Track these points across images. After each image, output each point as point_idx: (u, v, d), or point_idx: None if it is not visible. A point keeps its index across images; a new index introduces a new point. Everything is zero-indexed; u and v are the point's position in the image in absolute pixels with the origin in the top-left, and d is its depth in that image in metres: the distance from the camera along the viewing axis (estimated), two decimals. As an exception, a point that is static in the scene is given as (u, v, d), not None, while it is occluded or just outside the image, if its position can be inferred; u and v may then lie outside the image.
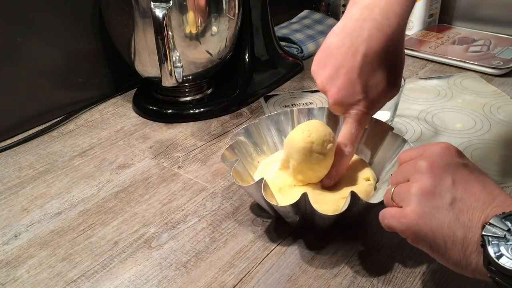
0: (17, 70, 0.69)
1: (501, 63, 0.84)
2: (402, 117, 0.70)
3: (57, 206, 0.56)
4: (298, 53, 0.93)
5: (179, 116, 0.74)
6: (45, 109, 0.74)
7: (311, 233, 0.49)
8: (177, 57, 0.66)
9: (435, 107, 0.73)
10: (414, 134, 0.67)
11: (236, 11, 0.71)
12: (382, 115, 0.62)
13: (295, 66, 0.88)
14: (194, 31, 0.67)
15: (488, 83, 0.80)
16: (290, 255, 0.47)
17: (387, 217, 0.40)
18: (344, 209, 0.45)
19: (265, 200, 0.45)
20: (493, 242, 0.34)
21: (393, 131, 0.53)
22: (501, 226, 0.34)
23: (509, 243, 0.33)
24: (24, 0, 0.67)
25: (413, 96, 0.77)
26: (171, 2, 0.62)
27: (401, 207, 0.39)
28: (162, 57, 0.62)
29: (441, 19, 1.05)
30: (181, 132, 0.70)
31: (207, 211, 0.54)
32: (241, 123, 0.72)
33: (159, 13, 0.60)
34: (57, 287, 0.45)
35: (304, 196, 0.44)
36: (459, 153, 0.40)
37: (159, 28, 0.60)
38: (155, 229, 0.51)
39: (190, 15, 0.65)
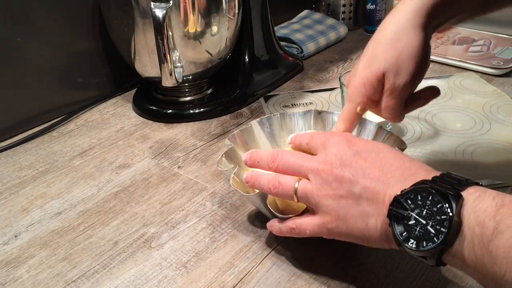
0: (17, 70, 0.69)
1: (501, 63, 0.84)
2: (402, 117, 0.70)
3: (57, 206, 0.56)
4: (298, 53, 0.93)
5: (179, 116, 0.74)
6: (45, 109, 0.74)
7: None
8: (177, 57, 0.66)
9: (435, 107, 0.73)
10: (414, 134, 0.67)
11: (236, 11, 0.71)
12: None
13: (295, 66, 0.88)
14: (194, 31, 0.67)
15: (488, 83, 0.80)
16: (290, 255, 0.47)
17: (305, 227, 0.42)
18: None
19: (270, 211, 0.45)
20: (397, 224, 0.35)
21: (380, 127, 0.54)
22: (400, 206, 0.35)
23: (410, 222, 0.34)
24: (24, 0, 0.67)
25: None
26: (171, 2, 0.62)
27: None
28: (162, 57, 0.62)
29: (441, 19, 1.05)
30: (181, 132, 0.70)
31: (207, 211, 0.54)
32: (241, 123, 0.72)
33: (159, 13, 0.60)
34: (57, 287, 0.45)
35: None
36: (349, 142, 0.41)
37: (159, 28, 0.60)
38: (155, 229, 0.51)
39: (190, 15, 0.65)
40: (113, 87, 0.82)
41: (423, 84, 0.84)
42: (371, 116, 0.58)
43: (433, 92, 0.52)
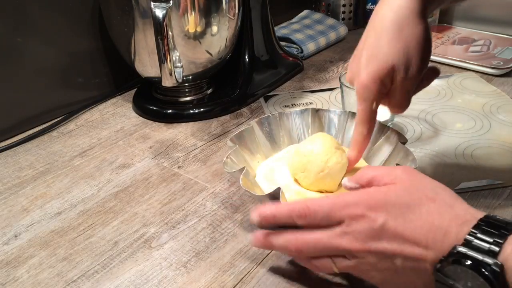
0: (17, 70, 0.69)
1: (501, 63, 0.84)
2: (402, 117, 0.70)
3: (57, 206, 0.56)
4: (298, 53, 0.93)
5: (179, 116, 0.74)
6: (45, 109, 0.74)
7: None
8: (177, 57, 0.66)
9: (435, 107, 0.73)
10: (414, 134, 0.67)
11: (236, 11, 0.71)
12: (382, 114, 0.62)
13: (295, 66, 0.88)
14: (194, 31, 0.67)
15: (488, 83, 0.80)
16: (290, 255, 0.47)
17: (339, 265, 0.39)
18: None
19: None
20: None
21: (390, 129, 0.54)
22: (443, 281, 0.33)
23: None
24: (24, 0, 0.67)
25: (413, 96, 0.77)
26: (171, 2, 0.62)
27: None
28: (162, 57, 0.62)
29: (441, 19, 1.05)
30: (181, 132, 0.70)
31: (207, 211, 0.54)
32: (241, 123, 0.72)
33: (159, 13, 0.60)
34: (57, 287, 0.45)
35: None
36: (377, 213, 0.37)
37: (159, 28, 0.60)
38: (155, 229, 0.51)
39: (190, 15, 0.65)
40: (113, 87, 0.82)
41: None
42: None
43: (434, 72, 0.50)
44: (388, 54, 0.44)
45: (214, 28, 0.69)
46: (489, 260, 0.31)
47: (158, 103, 0.76)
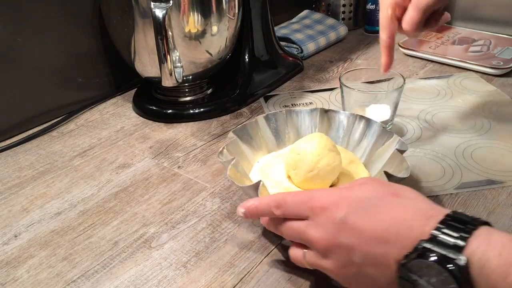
0: (17, 70, 0.69)
1: (501, 63, 0.84)
2: (402, 117, 0.70)
3: (57, 206, 0.56)
4: (298, 53, 0.93)
5: (179, 116, 0.74)
6: (45, 109, 0.74)
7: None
8: (177, 57, 0.66)
9: (435, 107, 0.73)
10: (414, 134, 0.67)
11: (236, 11, 0.71)
12: (382, 115, 0.63)
13: (295, 66, 0.88)
14: (194, 31, 0.67)
15: (488, 83, 0.80)
16: (290, 255, 0.47)
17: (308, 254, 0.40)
18: None
19: None
20: None
21: (383, 127, 0.55)
22: (406, 277, 0.33)
23: None
24: (24, 0, 0.67)
25: (413, 96, 0.77)
26: (171, 2, 0.62)
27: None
28: (162, 57, 0.62)
29: (441, 19, 1.05)
30: (181, 132, 0.70)
31: (207, 211, 0.54)
32: (241, 123, 0.72)
33: (159, 13, 0.60)
34: (57, 287, 0.45)
35: None
36: (335, 204, 0.38)
37: (159, 28, 0.60)
38: (155, 229, 0.51)
39: (190, 15, 0.65)
40: (113, 87, 0.82)
41: (423, 84, 0.84)
42: (374, 116, 0.59)
43: (442, 16, 0.56)
44: None
45: (214, 28, 0.69)
46: (454, 255, 0.31)
47: (158, 103, 0.76)
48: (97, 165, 0.63)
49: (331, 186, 0.51)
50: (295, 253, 0.41)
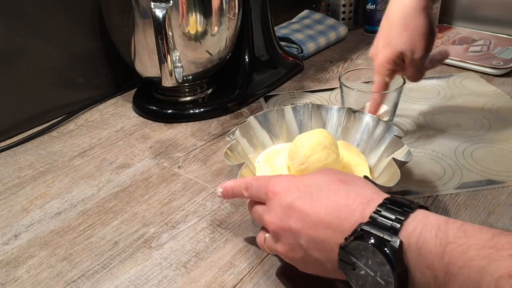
0: (17, 70, 0.69)
1: (501, 63, 0.84)
2: (402, 117, 0.70)
3: (57, 206, 0.56)
4: (298, 53, 0.93)
5: (179, 116, 0.74)
6: (45, 109, 0.74)
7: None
8: (177, 57, 0.66)
9: (435, 107, 0.73)
10: (414, 134, 0.67)
11: (236, 11, 0.71)
12: (382, 115, 0.62)
13: (295, 66, 0.88)
14: (194, 31, 0.67)
15: (488, 83, 0.80)
16: (290, 255, 0.47)
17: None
18: None
19: None
20: (351, 274, 0.34)
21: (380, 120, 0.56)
22: (346, 259, 0.34)
23: (361, 272, 0.33)
24: (24, 0, 0.67)
25: (413, 96, 0.77)
26: (171, 2, 0.62)
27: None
28: (162, 57, 0.62)
29: (441, 19, 1.05)
30: (181, 132, 0.70)
31: (207, 211, 0.54)
32: (241, 123, 0.72)
33: (159, 13, 0.60)
34: (57, 287, 0.45)
35: None
36: (286, 189, 0.39)
37: (159, 28, 0.60)
38: (155, 229, 0.51)
39: (190, 15, 0.65)
40: (113, 87, 0.82)
41: (423, 84, 0.84)
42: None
43: (443, 55, 0.65)
44: (397, 42, 0.57)
45: (214, 28, 0.69)
46: (389, 237, 0.32)
47: (158, 103, 0.76)
48: (97, 165, 0.63)
49: None
50: (259, 238, 0.43)
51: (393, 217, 0.33)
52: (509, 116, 0.70)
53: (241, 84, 0.79)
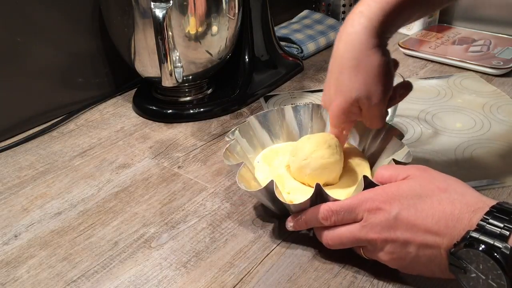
0: (17, 70, 0.69)
1: (501, 63, 0.84)
2: (402, 117, 0.70)
3: (57, 206, 0.56)
4: (298, 53, 0.93)
5: (179, 116, 0.74)
6: (45, 109, 0.74)
7: (312, 233, 0.49)
8: (177, 57, 0.66)
9: (435, 107, 0.73)
10: (414, 134, 0.67)
11: (236, 11, 0.71)
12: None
13: (295, 66, 0.88)
14: (194, 31, 0.67)
15: (488, 83, 0.80)
16: (290, 255, 0.47)
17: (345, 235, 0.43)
18: (357, 192, 0.45)
19: (278, 201, 0.45)
20: (462, 277, 0.37)
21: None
22: (457, 264, 0.36)
23: (472, 275, 0.36)
24: (24, 0, 0.67)
25: (413, 96, 0.77)
26: (171, 2, 0.62)
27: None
28: (162, 57, 0.62)
29: (441, 19, 1.05)
30: (181, 132, 0.70)
31: (207, 211, 0.54)
32: (241, 123, 0.72)
33: (159, 13, 0.60)
34: (57, 287, 0.45)
35: (317, 185, 0.44)
36: (387, 203, 0.41)
37: (159, 28, 0.60)
38: (155, 229, 0.51)
39: (190, 15, 0.65)
40: (113, 87, 0.82)
41: (423, 84, 0.84)
42: None
43: (406, 88, 0.53)
44: (350, 88, 0.47)
45: (214, 28, 0.69)
46: (499, 244, 0.34)
47: (158, 103, 0.76)
48: (97, 165, 0.63)
49: (327, 185, 0.51)
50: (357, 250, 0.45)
51: (501, 225, 0.35)
52: (509, 116, 0.70)
53: (241, 84, 0.79)
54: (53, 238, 0.51)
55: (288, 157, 0.54)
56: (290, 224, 0.47)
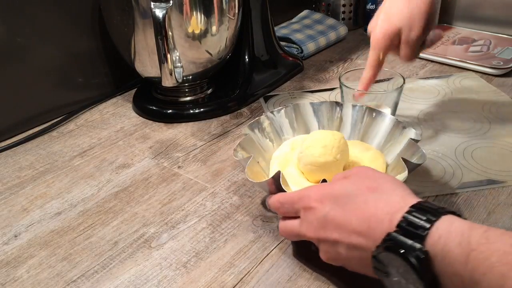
0: (17, 70, 0.69)
1: (501, 63, 0.84)
2: (402, 117, 0.70)
3: (57, 206, 0.56)
4: (298, 53, 0.93)
5: (179, 116, 0.74)
6: (45, 109, 0.74)
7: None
8: (177, 57, 0.66)
9: (435, 107, 0.73)
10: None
11: (236, 11, 0.71)
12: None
13: (295, 66, 0.88)
14: (194, 31, 0.67)
15: (488, 83, 0.80)
16: (290, 255, 0.47)
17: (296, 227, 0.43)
18: None
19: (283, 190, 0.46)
20: (386, 280, 0.36)
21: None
22: (379, 267, 0.35)
23: (394, 278, 0.35)
24: (24, 0, 0.67)
25: (413, 96, 0.77)
26: (171, 2, 0.62)
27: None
28: (162, 57, 0.62)
29: (441, 19, 1.05)
30: (181, 132, 0.70)
31: (207, 211, 0.54)
32: (241, 123, 0.72)
33: (159, 13, 0.60)
34: (57, 287, 0.45)
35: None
36: (319, 202, 0.40)
37: (159, 28, 0.60)
38: (155, 229, 0.51)
39: (190, 15, 0.65)
40: (113, 87, 0.82)
41: (423, 84, 0.84)
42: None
43: (437, 37, 0.62)
44: (396, 19, 0.56)
45: (214, 28, 0.69)
46: (415, 246, 0.33)
47: (158, 103, 0.76)
48: (97, 165, 0.63)
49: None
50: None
51: (419, 225, 0.34)
52: (509, 116, 0.70)
53: (241, 84, 0.79)
54: (53, 238, 0.51)
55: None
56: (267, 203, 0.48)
